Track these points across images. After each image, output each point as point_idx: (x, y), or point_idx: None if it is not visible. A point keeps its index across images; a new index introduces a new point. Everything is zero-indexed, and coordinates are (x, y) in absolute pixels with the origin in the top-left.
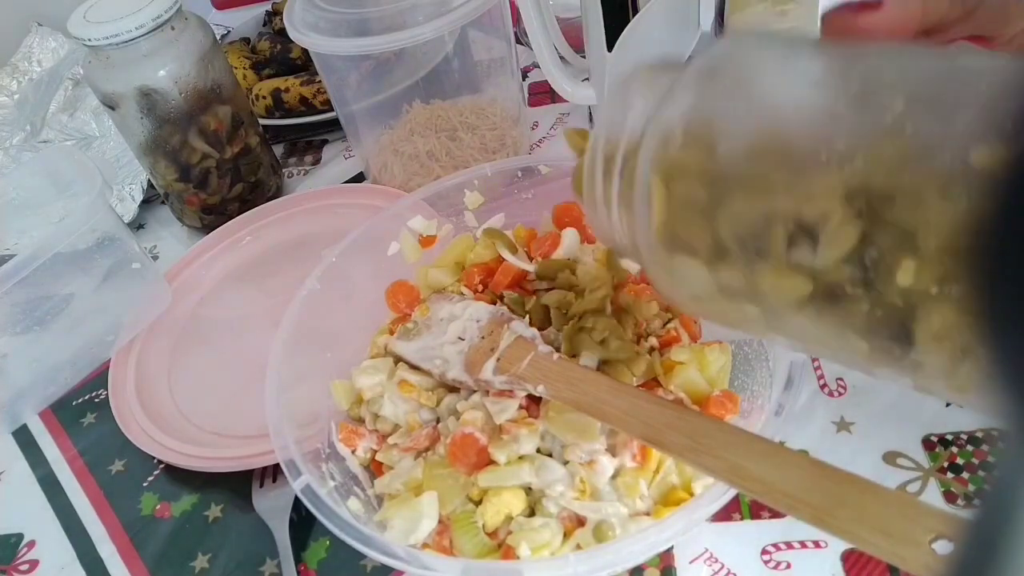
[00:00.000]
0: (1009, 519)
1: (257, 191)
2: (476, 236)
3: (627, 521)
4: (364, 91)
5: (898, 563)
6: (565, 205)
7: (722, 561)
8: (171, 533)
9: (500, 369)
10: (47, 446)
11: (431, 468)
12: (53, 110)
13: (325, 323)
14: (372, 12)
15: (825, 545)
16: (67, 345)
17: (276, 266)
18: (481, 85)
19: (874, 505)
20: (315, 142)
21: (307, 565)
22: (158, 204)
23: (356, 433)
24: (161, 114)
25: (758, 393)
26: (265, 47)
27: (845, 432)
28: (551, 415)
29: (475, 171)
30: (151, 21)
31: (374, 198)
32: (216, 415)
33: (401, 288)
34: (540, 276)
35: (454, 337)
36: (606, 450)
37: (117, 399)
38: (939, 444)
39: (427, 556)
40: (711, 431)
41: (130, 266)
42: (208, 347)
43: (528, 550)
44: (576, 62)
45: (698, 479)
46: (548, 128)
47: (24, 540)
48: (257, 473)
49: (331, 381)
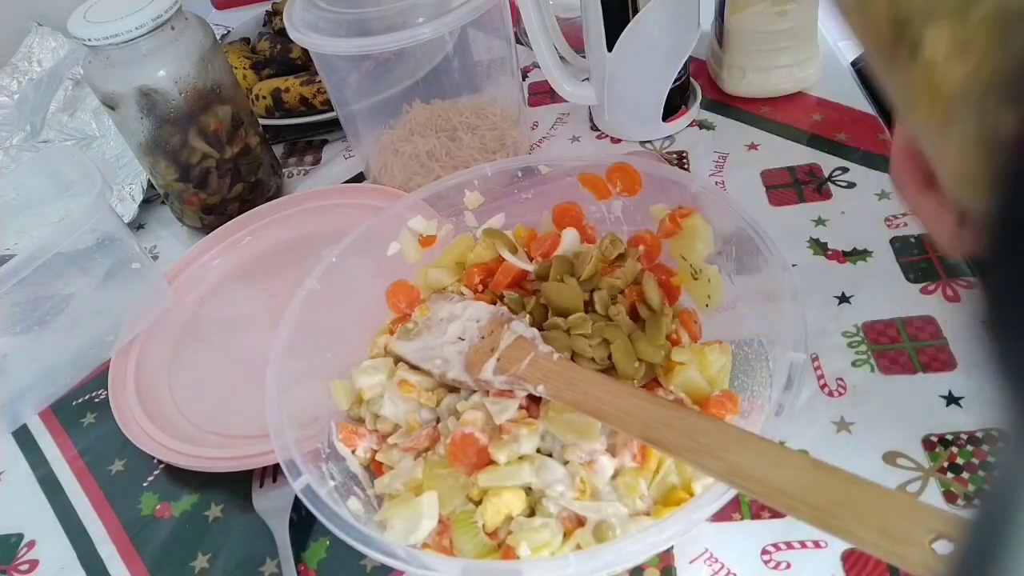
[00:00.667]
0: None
1: (257, 191)
2: (476, 236)
3: (627, 521)
4: (364, 91)
5: (898, 563)
6: (565, 205)
7: (722, 561)
8: (171, 533)
9: (500, 369)
10: (47, 446)
11: (431, 468)
12: (53, 110)
13: (325, 323)
14: (372, 12)
15: (825, 545)
16: (67, 345)
17: (276, 266)
18: (481, 85)
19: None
20: (315, 142)
21: (307, 565)
22: (158, 204)
23: (356, 433)
24: (161, 114)
25: (758, 393)
26: (265, 47)
27: (845, 432)
28: (551, 415)
29: (475, 171)
30: (151, 21)
31: (374, 198)
32: (216, 415)
33: (401, 288)
34: (540, 276)
35: (454, 337)
36: (606, 450)
37: (117, 399)
38: (939, 444)
39: (427, 556)
40: (711, 431)
41: (130, 266)
42: (208, 347)
43: (528, 550)
44: (576, 62)
45: (698, 479)
46: (548, 128)
47: (24, 540)
48: (257, 473)
49: (331, 381)
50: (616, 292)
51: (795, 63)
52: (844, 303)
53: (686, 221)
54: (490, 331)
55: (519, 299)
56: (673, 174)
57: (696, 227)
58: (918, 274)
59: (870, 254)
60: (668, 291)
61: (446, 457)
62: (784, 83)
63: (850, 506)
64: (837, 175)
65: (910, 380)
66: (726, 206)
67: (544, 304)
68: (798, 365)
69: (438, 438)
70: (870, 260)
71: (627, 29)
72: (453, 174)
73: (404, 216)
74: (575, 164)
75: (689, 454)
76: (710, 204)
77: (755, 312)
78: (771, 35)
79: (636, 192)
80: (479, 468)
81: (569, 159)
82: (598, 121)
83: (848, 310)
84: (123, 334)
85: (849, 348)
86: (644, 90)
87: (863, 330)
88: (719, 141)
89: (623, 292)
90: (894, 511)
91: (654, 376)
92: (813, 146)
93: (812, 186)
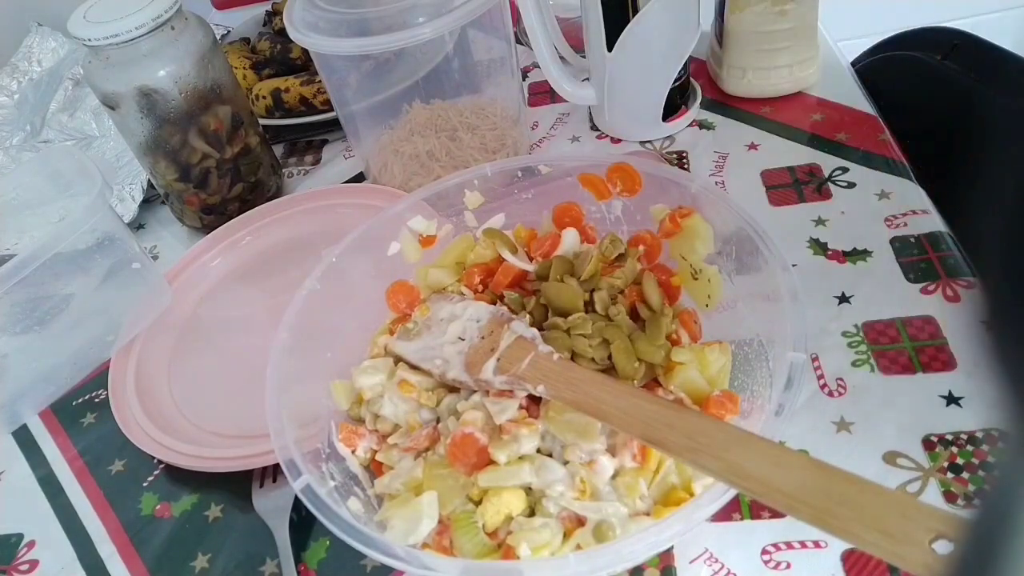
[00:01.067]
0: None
1: (257, 191)
2: (476, 236)
3: (627, 521)
4: (364, 91)
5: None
6: (565, 205)
7: (722, 561)
8: (171, 533)
9: (500, 369)
10: (47, 446)
11: (431, 468)
12: (53, 110)
13: (325, 323)
14: (372, 12)
15: (825, 545)
16: (67, 345)
17: (276, 266)
18: (481, 85)
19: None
20: (315, 142)
21: (307, 565)
22: (158, 204)
23: (356, 433)
24: (161, 114)
25: (758, 393)
26: (265, 47)
27: (845, 432)
28: (551, 415)
29: (475, 171)
30: (151, 21)
31: (374, 198)
32: (216, 415)
33: (401, 288)
34: (540, 276)
35: (454, 337)
36: (606, 450)
37: (117, 399)
38: (939, 444)
39: (427, 556)
40: (711, 431)
41: (130, 266)
42: (208, 347)
43: (528, 550)
44: (576, 62)
45: (698, 479)
46: (548, 128)
47: (24, 540)
48: (257, 473)
49: (331, 381)
50: (616, 292)
51: (795, 63)
52: (844, 303)
53: (686, 221)
54: (490, 331)
55: (519, 299)
56: (673, 174)
57: (696, 227)
58: (918, 274)
59: (870, 254)
60: (668, 291)
61: (446, 457)
62: (784, 83)
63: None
64: (837, 175)
65: (910, 380)
66: (726, 206)
67: (544, 304)
68: (798, 365)
69: (438, 438)
70: (870, 260)
71: (627, 29)
72: (453, 174)
73: (404, 216)
74: (575, 164)
75: (689, 454)
76: (710, 204)
77: (755, 312)
78: (771, 35)
79: (636, 192)
80: (479, 468)
81: (569, 159)
82: (598, 121)
83: (848, 310)
84: (123, 334)
85: (849, 348)
86: (644, 90)
87: (863, 330)
88: (719, 141)
89: (623, 292)
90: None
91: (654, 376)
92: (813, 146)
93: (812, 186)
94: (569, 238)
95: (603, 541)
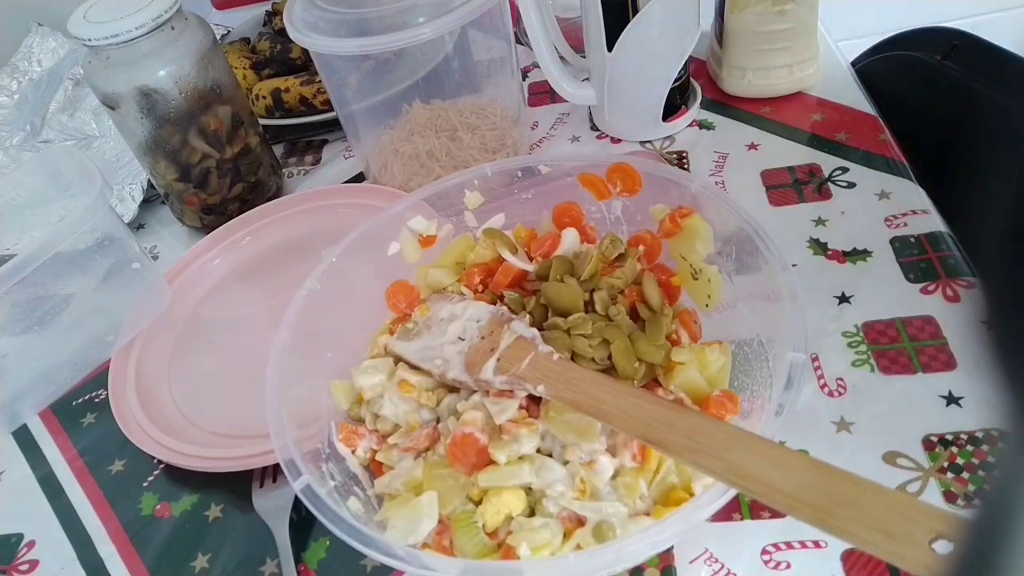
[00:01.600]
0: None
1: (257, 191)
2: (476, 236)
3: (627, 521)
4: (364, 91)
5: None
6: (565, 205)
7: (722, 561)
8: (171, 533)
9: (500, 369)
10: (47, 446)
11: (431, 468)
12: (53, 110)
13: (325, 323)
14: (372, 12)
15: (825, 545)
16: (67, 345)
17: (276, 266)
18: (481, 85)
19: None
20: (315, 142)
21: (307, 565)
22: (158, 204)
23: (356, 433)
24: (161, 114)
25: (758, 393)
26: (265, 47)
27: (845, 432)
28: (551, 415)
29: (475, 171)
30: (151, 21)
31: (374, 198)
32: (216, 415)
33: (401, 288)
34: (540, 276)
35: (454, 337)
36: (606, 450)
37: (117, 399)
38: (939, 444)
39: (427, 556)
40: (710, 431)
41: (130, 266)
42: (208, 347)
43: (528, 550)
44: (576, 62)
45: (698, 479)
46: (548, 128)
47: (24, 540)
48: (257, 473)
49: (331, 381)
50: (616, 292)
51: (795, 63)
52: (844, 303)
53: (686, 221)
54: (490, 331)
55: (519, 299)
56: (673, 174)
57: (696, 227)
58: (918, 274)
59: (870, 254)
60: (668, 291)
61: (446, 457)
62: (784, 83)
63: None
64: (837, 175)
65: (910, 380)
66: (726, 206)
67: (544, 304)
68: (798, 365)
69: (438, 438)
70: (870, 260)
71: (627, 29)
72: (453, 174)
73: (404, 216)
74: (575, 164)
75: (689, 454)
76: (710, 204)
77: (755, 312)
78: (771, 35)
79: (636, 192)
80: (479, 468)
81: (569, 159)
82: (598, 121)
83: (848, 310)
84: (123, 334)
85: (849, 348)
86: (644, 90)
87: (863, 330)
88: (719, 141)
89: (623, 292)
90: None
91: (654, 376)
92: (813, 146)
93: (812, 186)
94: (569, 238)
95: (603, 541)
